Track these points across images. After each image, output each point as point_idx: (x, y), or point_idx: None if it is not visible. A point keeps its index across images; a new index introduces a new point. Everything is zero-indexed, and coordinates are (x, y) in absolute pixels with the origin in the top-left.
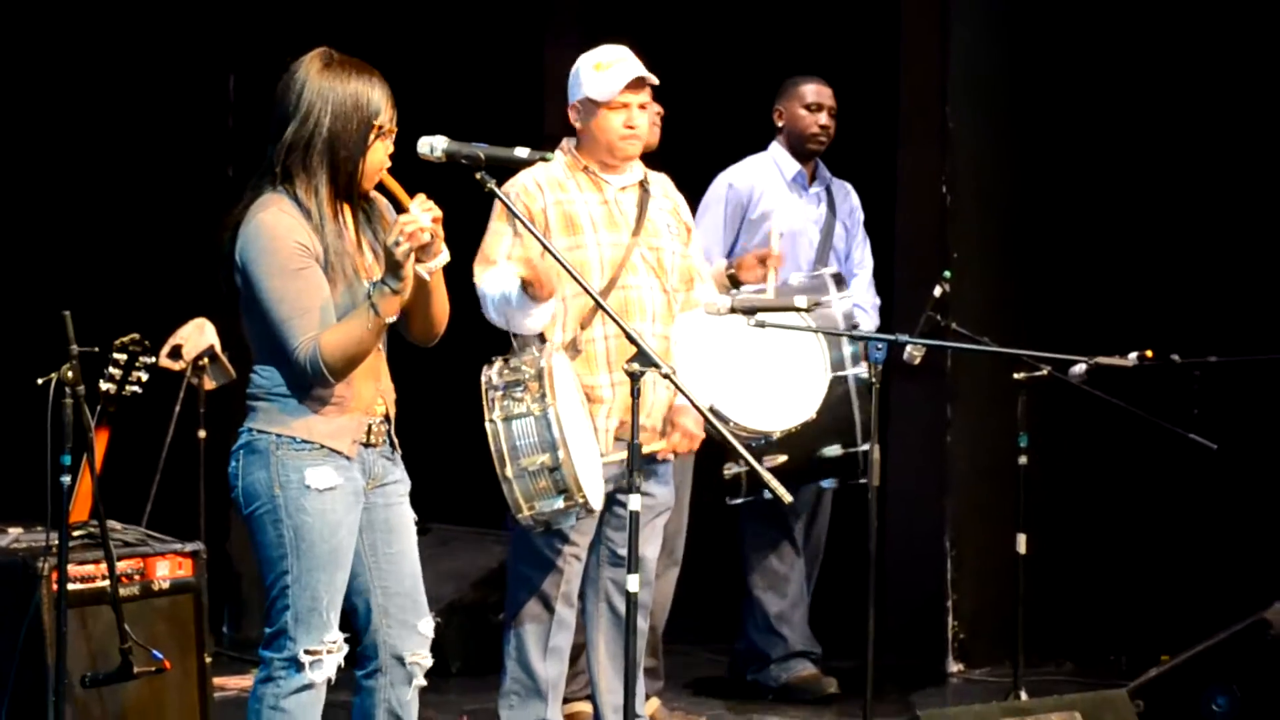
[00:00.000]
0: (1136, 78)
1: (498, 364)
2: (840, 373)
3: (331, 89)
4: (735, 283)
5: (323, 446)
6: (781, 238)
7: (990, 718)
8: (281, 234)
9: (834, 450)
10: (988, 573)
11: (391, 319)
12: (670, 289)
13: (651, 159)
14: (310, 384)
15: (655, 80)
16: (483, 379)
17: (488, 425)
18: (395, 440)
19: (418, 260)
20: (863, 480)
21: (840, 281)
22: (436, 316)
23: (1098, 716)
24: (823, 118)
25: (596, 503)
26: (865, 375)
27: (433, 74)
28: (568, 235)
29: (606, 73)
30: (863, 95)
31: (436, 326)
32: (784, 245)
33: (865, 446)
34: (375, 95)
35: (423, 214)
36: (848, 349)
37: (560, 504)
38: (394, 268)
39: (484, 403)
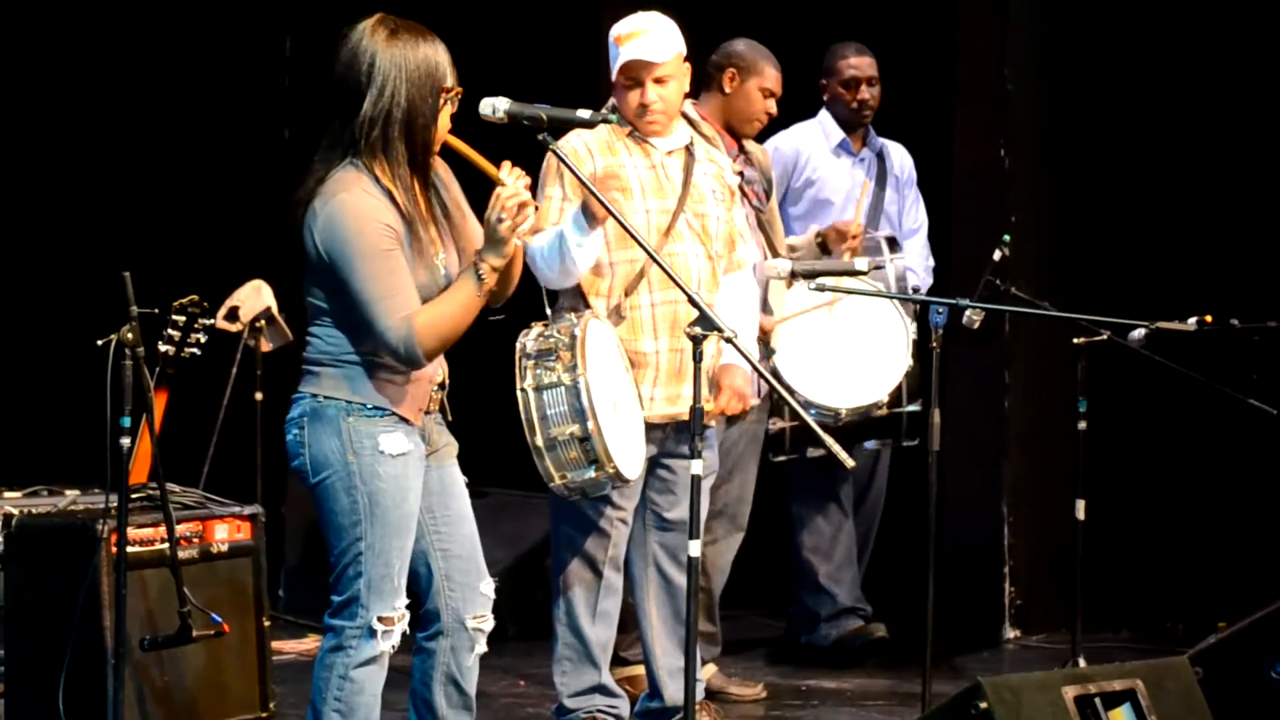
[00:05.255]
0: (1199, 39)
1: (535, 330)
2: None
3: (404, 58)
4: (825, 250)
5: (393, 413)
6: (856, 206)
7: (1052, 685)
8: (368, 215)
9: (879, 410)
10: (1046, 538)
11: (486, 296)
12: (715, 255)
13: None
14: (403, 362)
15: (657, 60)
16: (517, 345)
17: (519, 393)
18: (447, 406)
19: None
20: (907, 443)
21: (894, 244)
22: (513, 277)
23: (1159, 684)
24: (861, 92)
25: (630, 472)
26: (915, 335)
27: (491, 36)
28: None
29: (619, 49)
30: (920, 57)
31: (510, 286)
32: (834, 211)
33: (911, 406)
34: (443, 59)
35: (518, 185)
36: (900, 308)
37: (591, 474)
38: (498, 244)
39: (516, 370)
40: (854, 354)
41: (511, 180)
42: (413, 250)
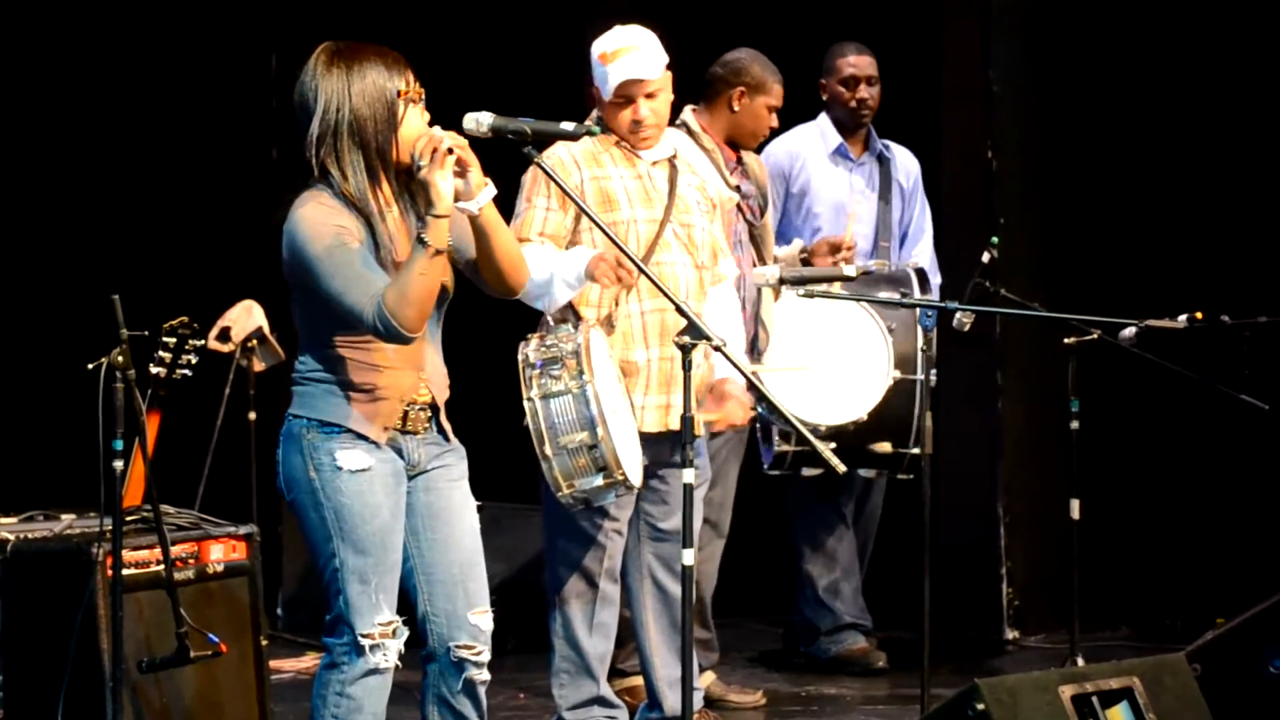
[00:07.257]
0: (1184, 39)
1: (534, 340)
2: (911, 376)
3: (344, 75)
4: (808, 266)
5: (349, 430)
6: (848, 219)
7: (1048, 685)
8: (321, 219)
9: (884, 447)
10: (1042, 539)
11: (443, 247)
12: (701, 265)
13: None
14: (390, 340)
15: (649, 78)
16: (519, 356)
17: (525, 404)
18: (446, 427)
19: (459, 198)
20: (903, 476)
21: (925, 280)
22: (504, 263)
23: (1156, 681)
24: (861, 90)
25: (636, 479)
26: (934, 384)
27: (476, 50)
28: (604, 211)
29: (608, 67)
30: (907, 60)
31: (511, 274)
32: (828, 217)
33: (915, 450)
34: (388, 66)
35: (443, 135)
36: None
37: (600, 481)
38: (424, 189)
39: (521, 380)
40: (835, 371)
41: (436, 131)
42: (379, 253)
